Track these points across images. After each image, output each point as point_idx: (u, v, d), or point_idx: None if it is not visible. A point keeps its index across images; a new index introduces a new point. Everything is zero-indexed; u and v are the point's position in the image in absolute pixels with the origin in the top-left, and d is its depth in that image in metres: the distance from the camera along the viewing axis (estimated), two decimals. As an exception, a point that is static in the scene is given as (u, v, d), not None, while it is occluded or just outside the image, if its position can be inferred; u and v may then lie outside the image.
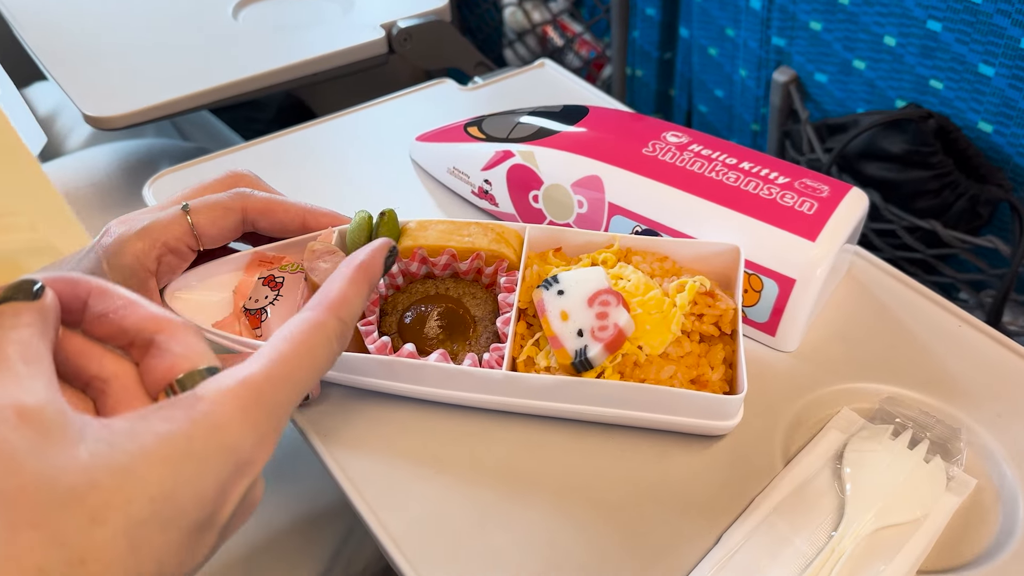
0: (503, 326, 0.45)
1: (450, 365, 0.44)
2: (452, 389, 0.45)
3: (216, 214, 0.46)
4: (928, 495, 0.42)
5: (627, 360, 0.43)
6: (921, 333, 0.51)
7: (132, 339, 0.30)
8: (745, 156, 0.52)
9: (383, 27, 0.79)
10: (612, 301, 0.42)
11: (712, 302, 0.45)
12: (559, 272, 0.45)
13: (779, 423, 0.46)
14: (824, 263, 0.47)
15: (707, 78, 0.97)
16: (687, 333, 0.44)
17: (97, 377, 0.30)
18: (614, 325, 0.42)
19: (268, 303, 0.47)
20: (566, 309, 0.43)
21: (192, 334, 0.30)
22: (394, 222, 0.47)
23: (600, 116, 0.58)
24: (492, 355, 0.45)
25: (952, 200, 0.69)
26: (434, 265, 0.48)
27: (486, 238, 0.47)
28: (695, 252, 0.48)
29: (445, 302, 0.47)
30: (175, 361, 0.29)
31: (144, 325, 0.30)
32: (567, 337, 0.42)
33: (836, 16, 0.76)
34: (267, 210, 0.48)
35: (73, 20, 0.81)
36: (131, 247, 0.44)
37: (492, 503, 0.42)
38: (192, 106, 0.72)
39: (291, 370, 0.30)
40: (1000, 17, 0.63)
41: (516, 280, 0.46)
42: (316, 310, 0.32)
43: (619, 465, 0.44)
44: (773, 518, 0.41)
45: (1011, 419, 0.46)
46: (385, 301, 0.48)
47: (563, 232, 0.49)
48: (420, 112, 0.70)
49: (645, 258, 0.47)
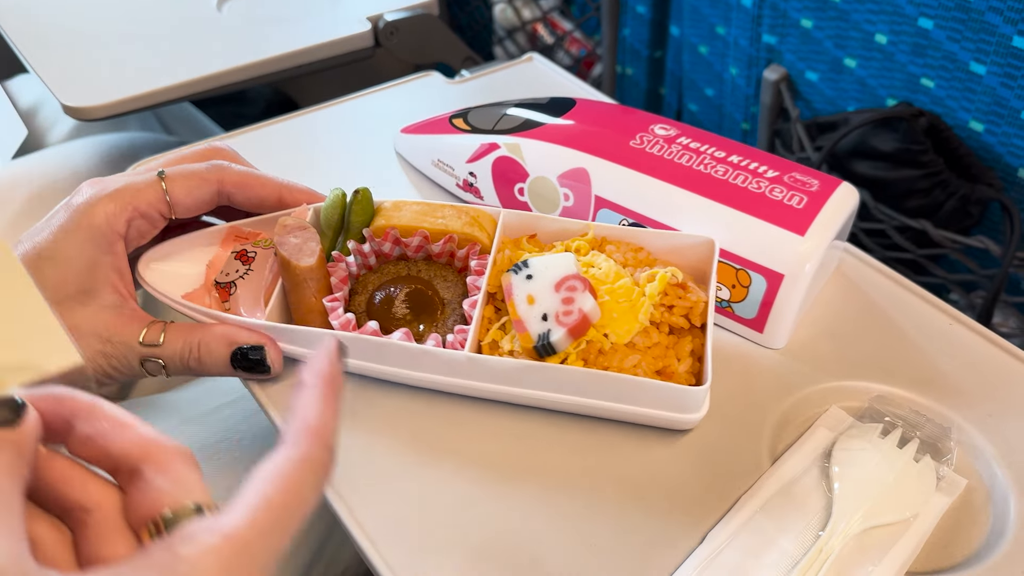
0: (470, 308, 0.44)
1: (412, 344, 0.43)
2: (415, 370, 0.44)
3: (191, 184, 0.46)
4: (918, 495, 0.41)
5: (592, 347, 0.42)
6: (912, 331, 0.50)
7: (118, 465, 0.29)
8: (734, 150, 0.51)
9: (369, 20, 0.78)
10: (579, 287, 0.42)
11: (683, 294, 0.44)
12: (530, 257, 0.44)
13: (766, 421, 0.45)
14: (813, 258, 0.46)
15: (698, 77, 0.96)
16: (656, 324, 0.44)
17: (79, 506, 0.28)
18: (579, 310, 0.41)
19: (238, 276, 0.47)
20: (533, 293, 0.42)
21: (182, 463, 0.29)
22: (368, 201, 0.47)
23: (587, 108, 0.57)
24: (456, 336, 0.44)
25: (943, 199, 0.68)
26: (407, 246, 0.48)
27: (459, 221, 0.47)
28: (670, 244, 0.47)
29: (415, 283, 0.46)
30: (160, 497, 0.27)
31: (131, 451, 0.28)
32: (531, 321, 0.42)
33: (827, 14, 0.75)
34: (243, 184, 0.47)
35: (54, 10, 0.79)
36: (102, 207, 0.43)
37: (472, 498, 0.41)
38: (174, 97, 0.71)
39: (278, 517, 0.27)
40: (992, 15, 0.62)
41: (487, 264, 0.46)
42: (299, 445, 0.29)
43: (603, 461, 0.43)
44: (759, 517, 0.40)
45: (1002, 419, 0.45)
46: (356, 280, 0.48)
47: (538, 219, 0.48)
48: (406, 104, 0.69)
49: (619, 248, 0.47)
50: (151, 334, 0.44)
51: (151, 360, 0.44)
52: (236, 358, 0.45)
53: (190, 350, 0.44)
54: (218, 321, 0.45)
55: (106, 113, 0.68)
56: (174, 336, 0.44)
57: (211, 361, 0.45)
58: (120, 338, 0.44)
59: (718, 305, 0.50)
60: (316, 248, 0.45)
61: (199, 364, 0.45)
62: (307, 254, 0.45)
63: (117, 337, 0.44)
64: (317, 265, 0.45)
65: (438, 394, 0.46)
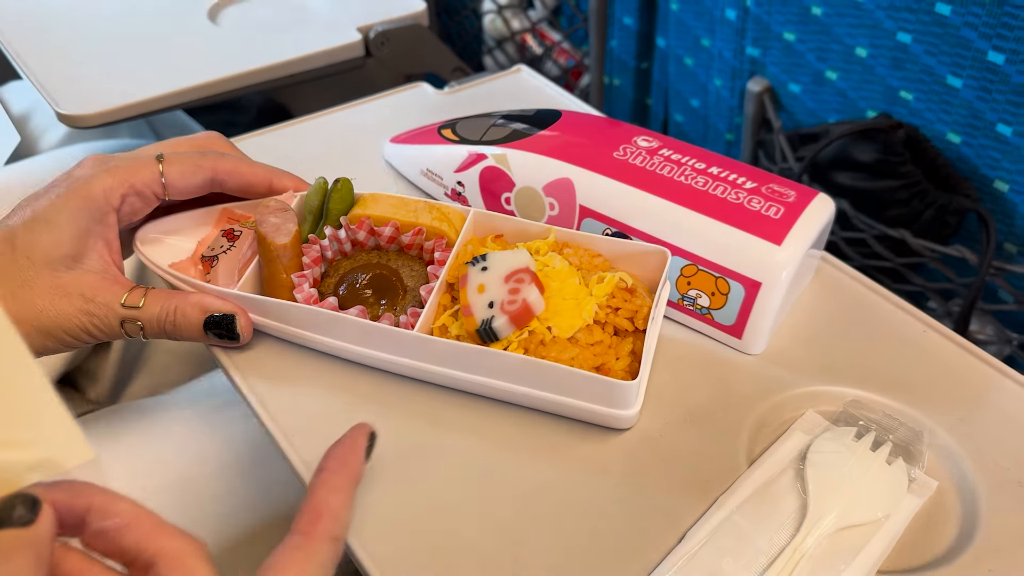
0: (427, 294, 0.47)
1: (364, 320, 0.45)
2: (367, 347, 0.47)
3: (187, 169, 0.49)
4: (890, 496, 0.42)
5: (534, 338, 0.44)
6: (886, 337, 0.51)
7: (131, 559, 0.29)
8: (714, 161, 0.53)
9: (360, 30, 0.79)
10: (526, 279, 0.44)
11: (630, 297, 0.46)
12: (489, 252, 0.46)
13: (744, 424, 0.46)
14: (790, 266, 0.47)
15: (683, 87, 0.98)
16: (601, 324, 0.45)
17: None
18: (522, 300, 0.43)
19: (222, 251, 0.50)
20: (484, 283, 0.45)
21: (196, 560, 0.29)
22: (348, 191, 0.51)
23: (572, 120, 0.58)
24: (409, 318, 0.46)
25: (921, 209, 0.70)
26: (379, 236, 0.50)
27: (429, 215, 0.50)
28: (626, 251, 0.49)
29: (381, 269, 0.49)
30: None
31: (145, 547, 0.29)
32: (478, 307, 0.44)
33: (809, 27, 0.77)
34: (235, 172, 0.50)
35: (48, 18, 0.80)
36: (100, 180, 0.46)
37: (456, 497, 0.42)
38: (167, 105, 0.72)
39: None
40: (967, 30, 0.64)
41: (450, 256, 0.48)
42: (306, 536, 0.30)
43: (583, 461, 0.44)
44: (736, 517, 0.41)
45: (973, 423, 0.46)
46: (330, 264, 0.51)
47: (504, 219, 0.51)
48: (395, 115, 0.70)
49: (577, 252, 0.49)
50: (132, 297, 0.47)
51: (130, 321, 0.47)
52: (209, 324, 0.47)
53: (167, 314, 0.47)
54: (196, 290, 0.48)
55: (100, 121, 0.69)
56: (154, 300, 0.47)
57: (186, 325, 0.47)
58: (102, 299, 0.46)
59: (698, 312, 0.51)
60: (292, 229, 0.48)
61: (174, 328, 0.48)
62: (283, 233, 0.48)
63: (100, 298, 0.46)
64: (291, 244, 0.48)
65: (395, 383, 0.48)
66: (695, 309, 0.51)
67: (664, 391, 0.48)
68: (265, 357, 0.49)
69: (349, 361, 0.49)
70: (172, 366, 0.79)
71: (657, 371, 0.49)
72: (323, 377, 0.49)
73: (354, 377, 0.48)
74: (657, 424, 0.46)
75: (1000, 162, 0.67)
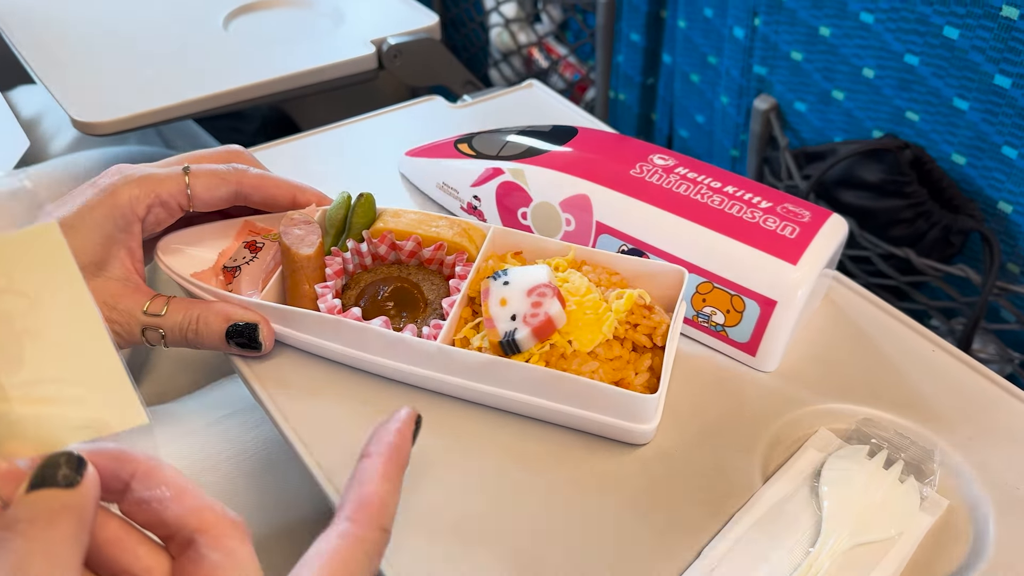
0: (448, 307, 0.48)
1: (389, 331, 0.46)
2: (391, 359, 0.47)
3: (213, 182, 0.50)
4: (902, 514, 0.43)
5: (555, 351, 0.45)
6: (896, 357, 0.52)
7: (172, 533, 0.28)
8: (729, 180, 0.53)
9: (373, 43, 0.80)
10: (548, 293, 0.45)
11: (648, 314, 0.47)
12: (510, 267, 0.47)
13: (758, 441, 0.47)
14: (805, 285, 0.48)
15: (689, 103, 0.99)
16: (620, 340, 0.46)
17: (128, 573, 0.28)
18: (545, 313, 0.44)
19: (244, 262, 0.51)
20: (506, 296, 0.46)
21: (236, 537, 0.28)
22: (371, 205, 0.52)
23: (588, 137, 0.59)
24: (432, 330, 0.47)
25: (926, 229, 0.71)
26: (401, 250, 0.51)
27: (451, 231, 0.51)
28: (643, 270, 0.50)
29: (402, 282, 0.50)
30: (213, 572, 0.27)
31: (187, 522, 0.28)
32: (501, 320, 0.45)
33: (817, 47, 0.78)
34: (260, 186, 0.51)
35: (63, 26, 0.81)
36: (127, 189, 0.47)
37: (474, 508, 0.43)
38: (182, 114, 0.72)
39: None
40: (975, 54, 0.65)
41: (471, 270, 0.49)
42: (354, 523, 0.29)
43: (600, 478, 0.45)
44: (753, 533, 0.42)
45: (982, 443, 0.47)
46: (351, 277, 0.51)
47: (524, 237, 0.51)
48: (409, 128, 0.71)
49: (595, 269, 0.49)
50: (155, 305, 0.48)
51: (152, 329, 0.48)
52: (231, 333, 0.48)
53: (190, 322, 0.48)
54: (218, 299, 0.49)
55: (115, 129, 0.69)
56: (176, 308, 0.48)
57: (208, 333, 0.48)
58: (124, 306, 0.47)
59: (713, 330, 0.52)
60: (316, 240, 0.49)
61: (196, 336, 0.48)
62: (307, 245, 0.49)
63: (122, 305, 0.47)
64: (315, 255, 0.49)
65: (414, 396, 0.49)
66: (710, 326, 0.52)
67: (679, 407, 0.48)
68: (285, 367, 0.50)
69: (369, 373, 0.49)
70: (178, 374, 0.79)
71: (671, 387, 0.50)
72: (343, 388, 0.49)
73: (374, 389, 0.49)
74: (672, 440, 0.47)
75: (1004, 184, 0.68)
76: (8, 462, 0.26)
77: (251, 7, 0.85)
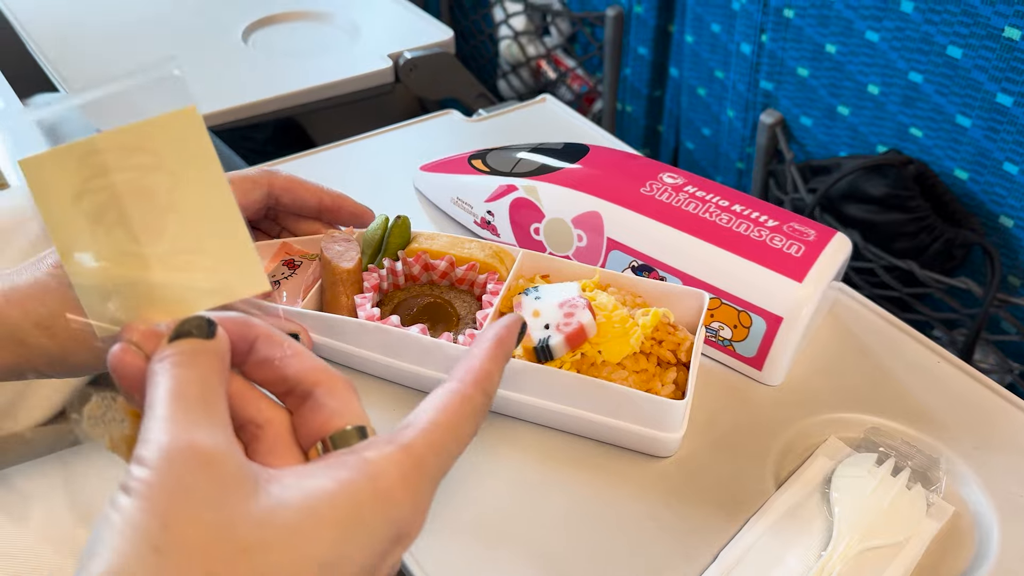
0: (482, 319, 0.49)
1: (426, 337, 0.48)
2: (427, 367, 0.49)
3: (246, 186, 0.51)
4: (910, 520, 0.45)
5: (585, 360, 0.47)
6: (902, 368, 0.54)
7: (291, 388, 0.31)
8: (736, 199, 0.55)
9: (390, 57, 0.82)
10: (580, 304, 0.46)
11: (672, 331, 0.48)
12: (541, 285, 0.49)
13: (770, 450, 0.49)
14: (810, 303, 0.50)
15: (695, 117, 1.01)
16: (646, 354, 0.48)
17: (253, 422, 0.30)
18: (577, 322, 0.46)
19: (283, 277, 0.53)
20: (539, 309, 0.47)
21: (348, 390, 0.31)
22: (406, 228, 0.54)
23: (600, 155, 0.61)
24: (466, 338, 0.49)
25: (928, 242, 0.73)
26: (434, 269, 0.53)
27: (483, 252, 0.53)
28: (665, 292, 0.51)
29: (436, 299, 0.53)
30: (330, 417, 0.30)
31: (306, 376, 0.30)
32: (534, 329, 0.47)
33: (823, 64, 0.80)
34: (289, 188, 0.53)
35: (85, 39, 0.82)
36: None
37: (500, 513, 0.45)
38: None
39: (445, 440, 0.30)
40: (978, 72, 0.67)
41: (503, 287, 0.51)
42: (463, 383, 0.32)
43: (620, 482, 0.46)
44: (767, 537, 0.43)
45: (986, 451, 0.49)
46: (384, 295, 0.53)
47: (552, 260, 0.53)
48: (425, 141, 0.73)
49: (620, 291, 0.51)
50: None
51: None
52: None
53: None
54: (259, 308, 0.50)
55: (138, 141, 0.71)
56: None
57: None
58: None
59: (720, 344, 0.53)
60: (356, 256, 0.51)
61: None
62: (347, 260, 0.51)
63: None
64: (354, 269, 0.51)
65: None
66: (718, 340, 0.53)
67: (694, 417, 0.50)
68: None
69: (402, 385, 0.51)
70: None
71: (686, 397, 0.51)
72: (377, 398, 0.51)
73: (407, 400, 0.50)
74: (688, 448, 0.48)
75: (1006, 199, 0.70)
76: (149, 324, 0.29)
77: (270, 20, 0.87)
